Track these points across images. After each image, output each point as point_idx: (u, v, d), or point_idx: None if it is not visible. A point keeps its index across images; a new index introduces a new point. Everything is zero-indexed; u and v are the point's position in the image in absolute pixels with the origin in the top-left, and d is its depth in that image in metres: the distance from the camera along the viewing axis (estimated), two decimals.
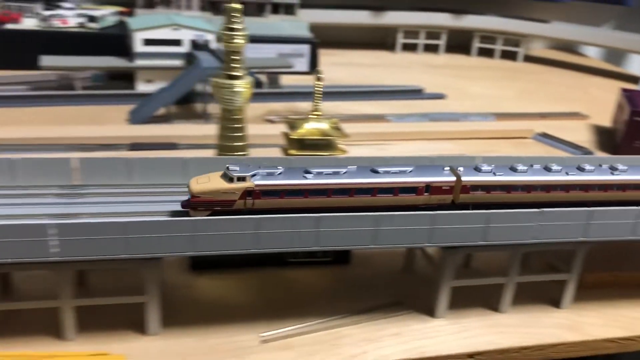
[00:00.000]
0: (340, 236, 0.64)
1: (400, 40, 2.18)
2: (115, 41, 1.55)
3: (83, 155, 1.07)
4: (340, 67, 1.88)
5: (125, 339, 0.67)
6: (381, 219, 0.64)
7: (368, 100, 1.58)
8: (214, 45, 1.42)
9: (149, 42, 1.38)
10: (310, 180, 0.67)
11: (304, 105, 1.48)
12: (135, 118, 1.26)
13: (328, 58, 1.85)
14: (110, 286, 0.71)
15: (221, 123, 0.79)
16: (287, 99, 1.48)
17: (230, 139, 0.78)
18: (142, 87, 1.42)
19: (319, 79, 0.96)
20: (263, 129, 1.26)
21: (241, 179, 0.66)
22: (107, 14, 1.68)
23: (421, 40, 2.20)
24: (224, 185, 0.65)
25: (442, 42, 2.22)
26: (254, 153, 0.86)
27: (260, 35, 1.67)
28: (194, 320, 0.71)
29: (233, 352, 0.66)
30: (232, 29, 0.73)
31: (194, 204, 0.65)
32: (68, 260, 0.60)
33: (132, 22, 1.42)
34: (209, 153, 1.12)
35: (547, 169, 0.73)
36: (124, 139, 1.17)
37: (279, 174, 0.67)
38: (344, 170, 0.69)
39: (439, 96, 1.68)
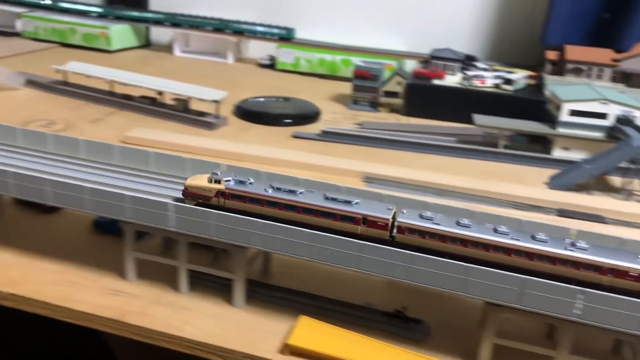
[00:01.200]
0: None
1: None
2: (530, 105, 1.67)
3: (515, 213, 1.20)
4: None
5: None
6: None
7: None
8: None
9: (575, 112, 1.45)
10: (267, 193, 0.80)
11: None
12: (556, 183, 1.35)
13: None
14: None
15: None
16: None
17: None
18: (557, 153, 1.50)
19: None
20: None
21: (217, 181, 0.82)
22: (520, 78, 1.82)
23: None
24: (204, 184, 0.83)
25: None
26: None
27: None
28: None
29: None
30: None
31: (185, 194, 0.84)
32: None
33: (559, 92, 1.51)
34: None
35: (495, 230, 0.73)
36: (547, 202, 1.26)
37: (249, 183, 0.82)
38: (301, 191, 0.80)
39: None
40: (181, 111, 1.65)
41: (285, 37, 2.39)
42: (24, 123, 1.52)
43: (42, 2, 2.63)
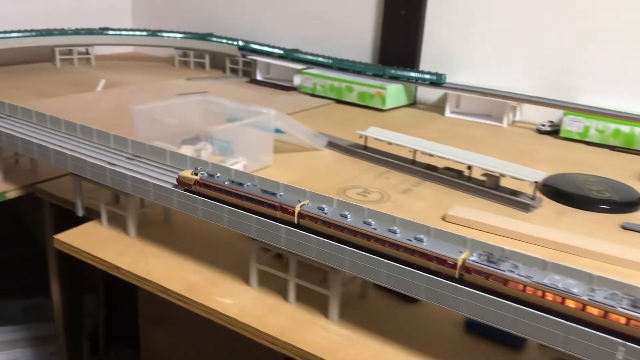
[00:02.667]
0: None
1: None
2: None
3: None
4: None
5: None
6: None
7: None
8: None
9: None
10: (225, 184, 1.03)
11: None
12: None
13: None
14: None
15: None
16: None
17: None
18: None
19: None
20: None
21: (195, 173, 1.07)
22: None
23: None
24: (188, 175, 1.08)
25: None
26: None
27: None
28: None
29: None
30: None
31: (178, 182, 1.09)
32: None
33: None
34: None
35: (365, 222, 0.91)
36: None
37: (217, 176, 1.05)
38: (249, 184, 1.02)
39: None
40: (492, 188, 1.59)
41: (569, 105, 2.26)
42: (341, 189, 1.58)
43: (321, 61, 2.80)
